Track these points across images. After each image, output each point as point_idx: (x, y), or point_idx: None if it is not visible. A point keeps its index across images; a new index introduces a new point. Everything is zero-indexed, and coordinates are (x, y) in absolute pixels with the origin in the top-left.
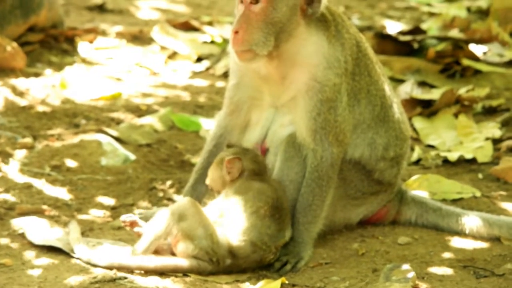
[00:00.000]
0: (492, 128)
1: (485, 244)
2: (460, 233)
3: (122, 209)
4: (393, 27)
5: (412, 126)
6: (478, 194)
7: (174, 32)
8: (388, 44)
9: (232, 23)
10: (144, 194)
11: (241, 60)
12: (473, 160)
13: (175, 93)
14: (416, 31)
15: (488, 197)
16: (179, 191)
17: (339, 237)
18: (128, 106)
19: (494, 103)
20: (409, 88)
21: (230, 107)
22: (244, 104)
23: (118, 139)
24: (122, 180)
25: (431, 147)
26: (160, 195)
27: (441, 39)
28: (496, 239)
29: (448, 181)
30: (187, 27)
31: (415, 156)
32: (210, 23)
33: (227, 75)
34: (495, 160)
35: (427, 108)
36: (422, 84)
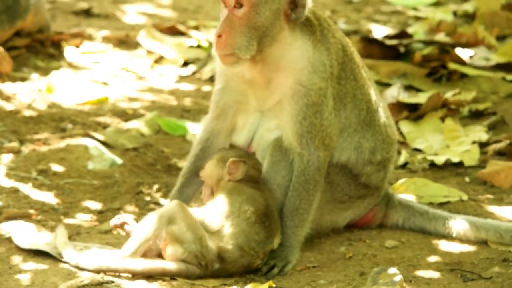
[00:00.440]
0: (479, 132)
1: (472, 248)
2: (447, 236)
3: (109, 213)
4: (379, 31)
5: (399, 130)
6: (465, 197)
7: (160, 36)
8: (374, 48)
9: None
10: (131, 198)
11: (224, 64)
12: (460, 164)
13: (162, 97)
14: (402, 35)
15: (475, 200)
16: (166, 195)
17: (326, 240)
18: (115, 111)
19: (481, 106)
20: (395, 92)
21: (216, 111)
22: (230, 109)
23: (104, 143)
24: (109, 184)
25: (418, 150)
26: (147, 199)
27: (427, 43)
28: (483, 243)
29: (435, 184)
30: (173, 31)
31: (402, 160)
32: (196, 28)
33: (213, 79)
34: (482, 164)
35: (414, 112)
36: (409, 88)
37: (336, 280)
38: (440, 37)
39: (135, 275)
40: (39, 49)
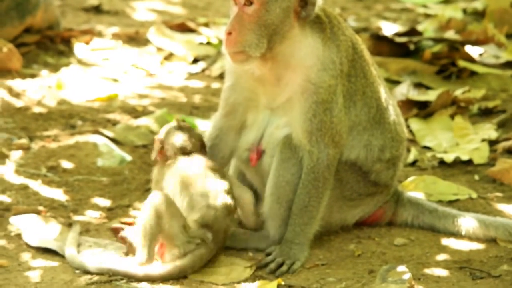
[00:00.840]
0: (488, 130)
1: (481, 246)
2: (456, 234)
3: (118, 210)
4: (389, 29)
5: (408, 128)
6: (474, 195)
7: (170, 33)
8: (384, 46)
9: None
10: (140, 195)
11: (234, 62)
12: (469, 162)
13: (171, 94)
14: (412, 32)
15: (484, 198)
16: None
17: (336, 238)
18: (124, 107)
19: (490, 104)
20: (405, 90)
21: (226, 109)
22: (239, 106)
23: (114, 140)
24: (118, 181)
25: (427, 148)
26: None
27: (437, 40)
28: (492, 241)
29: (444, 182)
30: (183, 28)
31: (411, 158)
32: (206, 25)
33: (223, 76)
34: (491, 162)
35: (423, 110)
36: (418, 85)
37: (345, 278)
38: (450, 34)
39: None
40: (49, 45)
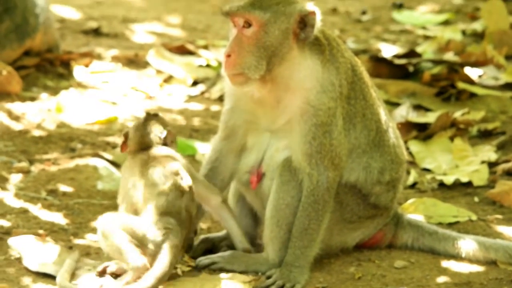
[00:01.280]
0: (488, 152)
1: (481, 268)
2: (457, 256)
3: None
4: (388, 50)
5: (408, 150)
6: (474, 217)
7: (169, 55)
8: (383, 68)
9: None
10: None
11: (233, 84)
12: (469, 184)
13: (171, 117)
14: (411, 54)
15: (484, 220)
16: None
17: (336, 261)
18: (124, 130)
19: (490, 126)
20: (404, 112)
21: (226, 131)
22: (239, 128)
23: (114, 163)
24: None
25: (427, 170)
26: None
27: (436, 62)
28: (493, 263)
29: (444, 204)
30: (182, 50)
31: (411, 180)
32: (206, 47)
33: (222, 98)
34: (491, 184)
35: (423, 132)
36: (418, 107)
37: None
38: (449, 56)
39: None
40: (48, 68)
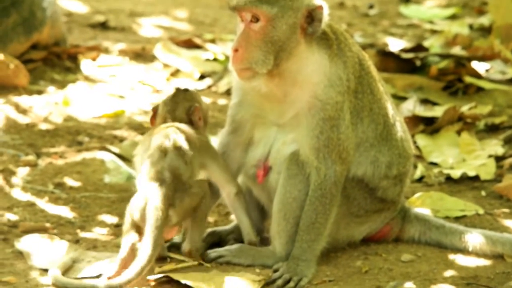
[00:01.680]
0: (495, 146)
1: (488, 262)
2: (463, 250)
3: None
4: (395, 45)
5: (415, 144)
6: (481, 211)
7: (176, 49)
8: (390, 62)
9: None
10: None
11: (241, 78)
12: (476, 178)
13: None
14: (418, 48)
15: (491, 214)
16: None
17: (342, 254)
18: (131, 124)
19: (497, 120)
20: (411, 106)
21: (233, 125)
22: (246, 122)
23: (121, 157)
24: (125, 198)
25: (434, 164)
26: None
27: (443, 56)
28: (499, 257)
29: (451, 198)
30: (189, 44)
31: (418, 174)
32: (213, 41)
33: (229, 92)
34: (498, 178)
35: (430, 126)
36: (425, 101)
37: None
38: (456, 50)
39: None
40: (56, 62)
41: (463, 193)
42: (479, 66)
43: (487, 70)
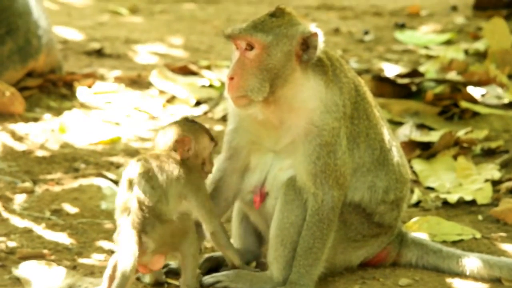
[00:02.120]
0: (491, 170)
1: (486, 286)
2: (461, 274)
3: None
4: (391, 70)
5: (412, 168)
6: (478, 235)
7: (172, 76)
8: (386, 87)
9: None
10: None
11: (237, 106)
12: (472, 202)
13: None
14: (414, 73)
15: (488, 238)
16: None
17: (340, 279)
18: (127, 150)
19: (493, 145)
20: (408, 131)
21: (229, 152)
22: (243, 149)
23: (117, 183)
24: None
25: (431, 189)
26: None
27: (439, 81)
28: (497, 281)
29: (448, 223)
30: (185, 71)
31: (414, 198)
32: (208, 67)
33: (225, 118)
34: (495, 202)
35: (426, 151)
36: (421, 126)
37: None
38: (452, 75)
39: None
40: (51, 89)
41: (460, 217)
42: (475, 91)
43: (483, 95)
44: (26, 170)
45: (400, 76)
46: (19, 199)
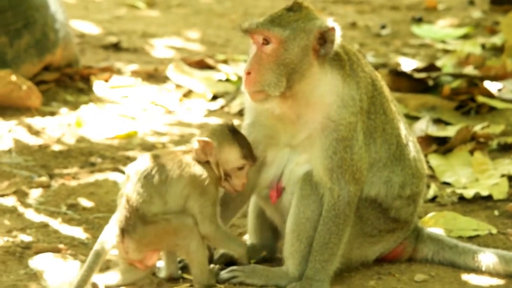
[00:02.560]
0: (508, 165)
1: (501, 281)
2: (477, 270)
3: None
4: (408, 64)
5: (428, 163)
6: (494, 231)
7: (189, 70)
8: (403, 82)
9: (247, 62)
10: None
11: (253, 101)
12: (489, 197)
13: (190, 131)
14: (431, 68)
15: (504, 234)
16: None
17: (356, 274)
18: (144, 145)
19: (510, 140)
20: (424, 125)
21: None
22: (259, 143)
23: None
24: None
25: (447, 184)
26: None
27: (456, 76)
28: None
29: (464, 218)
30: (202, 65)
31: (431, 193)
32: (225, 61)
33: (242, 113)
34: (511, 197)
35: (443, 145)
36: (438, 121)
37: None
38: (469, 70)
39: None
40: (68, 83)
41: (476, 212)
42: (491, 86)
43: (499, 90)
44: (42, 164)
45: (417, 70)
46: (35, 194)
